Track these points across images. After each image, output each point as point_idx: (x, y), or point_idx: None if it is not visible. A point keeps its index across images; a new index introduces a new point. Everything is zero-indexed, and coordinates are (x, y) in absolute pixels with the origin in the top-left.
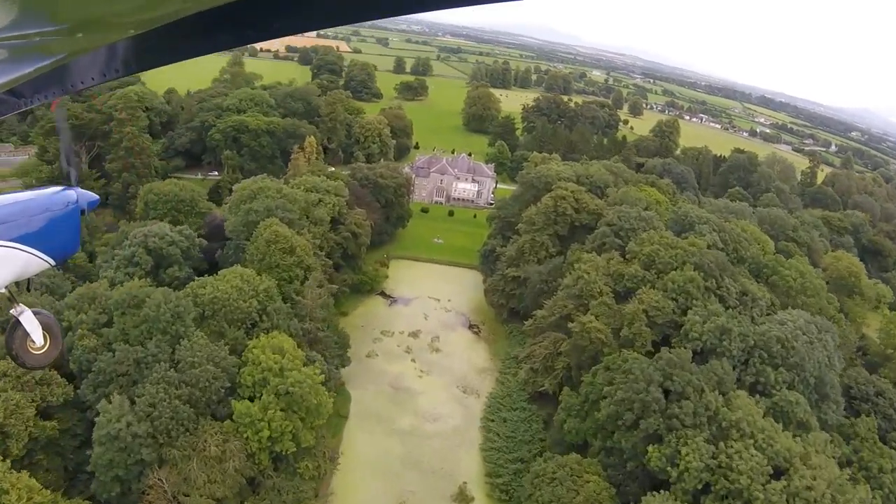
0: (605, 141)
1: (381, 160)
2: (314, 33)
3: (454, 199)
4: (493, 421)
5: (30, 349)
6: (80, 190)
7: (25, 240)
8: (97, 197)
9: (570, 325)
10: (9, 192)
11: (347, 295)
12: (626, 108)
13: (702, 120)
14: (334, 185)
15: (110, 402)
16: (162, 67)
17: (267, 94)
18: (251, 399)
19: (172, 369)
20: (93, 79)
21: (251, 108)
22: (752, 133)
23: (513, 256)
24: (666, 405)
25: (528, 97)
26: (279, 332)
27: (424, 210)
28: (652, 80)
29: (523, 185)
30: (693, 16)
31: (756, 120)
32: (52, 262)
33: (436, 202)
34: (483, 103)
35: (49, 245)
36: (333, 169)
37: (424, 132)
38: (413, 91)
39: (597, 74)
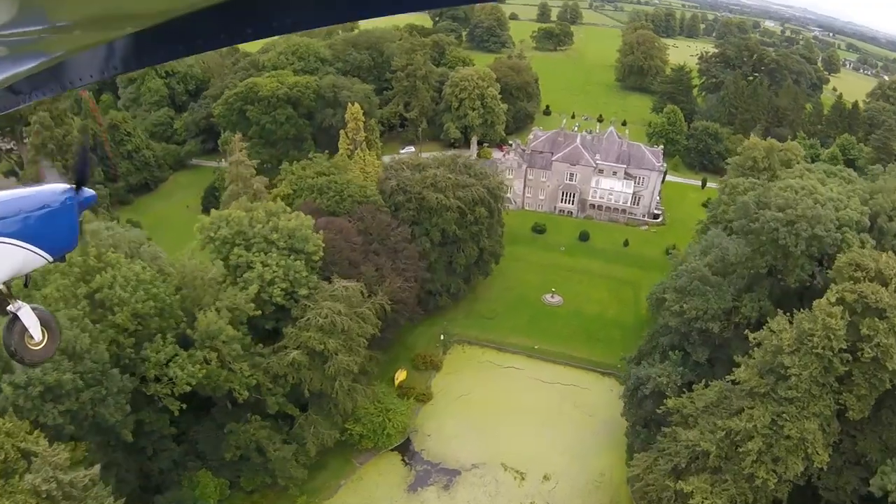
0: (827, 110)
1: (475, 136)
2: None
3: (593, 206)
4: None
5: (28, 345)
6: None
7: (24, 236)
8: (94, 193)
9: None
10: (7, 189)
11: (314, 465)
12: (818, 63)
13: None
14: (291, 228)
15: None
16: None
17: (322, 45)
18: None
19: None
20: (91, 76)
21: (291, 65)
22: None
23: (718, 455)
24: None
25: (699, 49)
26: None
27: (538, 229)
28: (831, 34)
29: (748, 232)
30: None
31: None
32: (50, 257)
33: (560, 212)
34: (644, 50)
35: (47, 241)
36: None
37: (562, 92)
38: (554, 39)
39: (770, 25)
